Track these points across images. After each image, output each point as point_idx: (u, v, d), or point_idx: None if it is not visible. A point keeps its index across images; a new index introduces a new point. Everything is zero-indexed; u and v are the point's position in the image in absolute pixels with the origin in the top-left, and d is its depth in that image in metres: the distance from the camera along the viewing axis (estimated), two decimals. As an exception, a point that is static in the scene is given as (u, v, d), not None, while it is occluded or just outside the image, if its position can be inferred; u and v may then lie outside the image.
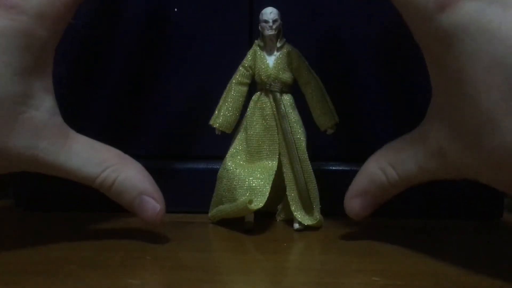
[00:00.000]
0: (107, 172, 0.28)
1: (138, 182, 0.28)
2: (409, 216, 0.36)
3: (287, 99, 0.33)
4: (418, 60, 0.26)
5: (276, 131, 0.33)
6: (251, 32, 0.36)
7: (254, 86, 0.34)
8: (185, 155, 0.37)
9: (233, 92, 0.33)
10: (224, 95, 0.34)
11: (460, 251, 0.30)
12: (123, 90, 0.37)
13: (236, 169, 0.33)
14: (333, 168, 0.37)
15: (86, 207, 0.37)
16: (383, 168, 0.28)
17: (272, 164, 0.33)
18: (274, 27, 0.32)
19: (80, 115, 0.36)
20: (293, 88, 0.34)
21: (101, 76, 0.37)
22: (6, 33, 0.24)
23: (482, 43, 0.22)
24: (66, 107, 0.31)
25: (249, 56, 0.33)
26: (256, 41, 0.33)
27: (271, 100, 0.33)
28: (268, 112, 0.33)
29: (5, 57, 0.25)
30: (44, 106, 0.27)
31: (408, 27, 0.25)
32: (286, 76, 0.33)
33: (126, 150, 0.37)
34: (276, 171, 0.33)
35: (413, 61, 0.26)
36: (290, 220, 0.34)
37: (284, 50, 0.33)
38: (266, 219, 0.35)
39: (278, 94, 0.33)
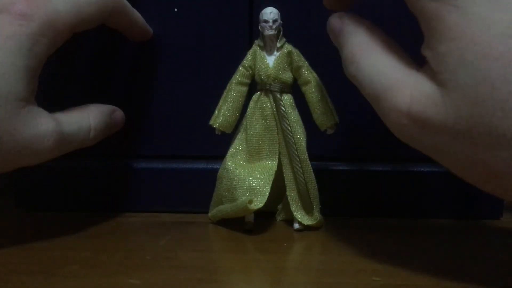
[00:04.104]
0: (93, 124, 0.31)
1: (105, 118, 0.33)
2: (408, 216, 0.36)
3: (287, 99, 0.33)
4: (419, 59, 0.26)
5: (276, 131, 0.33)
6: (251, 32, 0.36)
7: (254, 86, 0.34)
8: (185, 155, 0.37)
9: (233, 92, 0.33)
10: (224, 95, 0.34)
11: (460, 251, 0.30)
12: (123, 90, 0.37)
13: (236, 169, 0.33)
14: (333, 168, 0.37)
15: (86, 207, 0.37)
16: None
17: (272, 164, 0.33)
18: (274, 27, 0.32)
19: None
20: (293, 88, 0.34)
21: (101, 76, 0.37)
22: (13, 36, 0.27)
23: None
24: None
25: (249, 56, 0.33)
26: (256, 41, 0.33)
27: (271, 100, 0.33)
28: (268, 112, 0.33)
29: (11, 57, 0.27)
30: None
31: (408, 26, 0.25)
32: (286, 76, 0.33)
33: (126, 150, 0.37)
34: (276, 171, 0.33)
35: (414, 60, 0.26)
36: (290, 220, 0.34)
37: (284, 50, 0.33)
38: (266, 219, 0.35)
39: (278, 94, 0.33)
